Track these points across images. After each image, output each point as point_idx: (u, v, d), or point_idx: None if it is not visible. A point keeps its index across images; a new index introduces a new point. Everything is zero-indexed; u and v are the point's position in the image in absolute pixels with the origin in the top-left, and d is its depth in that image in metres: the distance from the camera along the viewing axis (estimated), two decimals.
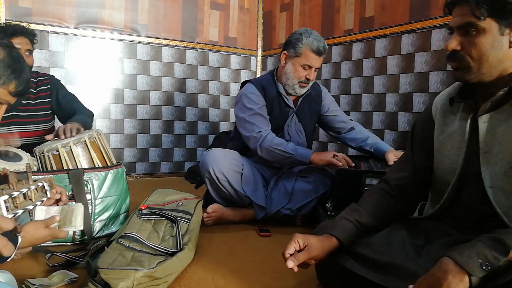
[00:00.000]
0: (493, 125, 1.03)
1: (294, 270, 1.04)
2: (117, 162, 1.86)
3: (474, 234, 0.93)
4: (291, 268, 1.03)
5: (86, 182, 1.68)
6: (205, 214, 1.93)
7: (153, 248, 1.36)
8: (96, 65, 3.15)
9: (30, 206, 0.91)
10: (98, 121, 3.16)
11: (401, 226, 1.18)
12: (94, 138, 1.79)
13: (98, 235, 1.70)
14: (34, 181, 0.97)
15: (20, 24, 2.19)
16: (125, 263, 1.22)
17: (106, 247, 1.39)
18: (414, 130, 1.27)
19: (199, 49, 3.56)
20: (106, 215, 1.74)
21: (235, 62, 3.77)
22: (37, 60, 2.31)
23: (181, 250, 1.37)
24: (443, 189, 1.13)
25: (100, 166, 1.77)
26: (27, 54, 2.08)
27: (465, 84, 1.12)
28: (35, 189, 0.95)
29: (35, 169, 1.67)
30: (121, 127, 3.28)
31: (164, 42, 3.39)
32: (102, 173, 1.74)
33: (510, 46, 1.00)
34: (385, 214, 1.22)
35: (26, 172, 0.98)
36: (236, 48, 3.75)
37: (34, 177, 1.12)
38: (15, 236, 0.88)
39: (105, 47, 3.17)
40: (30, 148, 1.76)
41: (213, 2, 3.61)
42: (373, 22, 2.77)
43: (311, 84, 2.13)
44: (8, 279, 1.02)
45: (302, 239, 1.09)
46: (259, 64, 3.87)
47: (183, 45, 3.48)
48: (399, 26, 2.59)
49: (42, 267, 1.38)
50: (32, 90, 2.09)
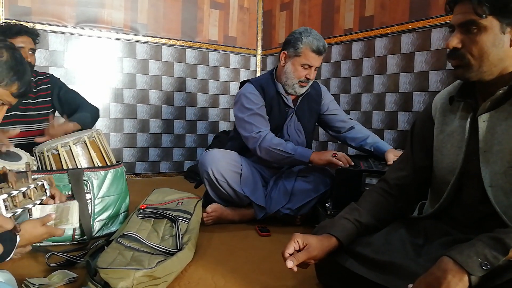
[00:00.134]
0: (493, 124, 1.03)
1: (294, 269, 1.04)
2: (116, 162, 1.86)
3: (474, 233, 0.93)
4: (291, 267, 1.03)
5: (85, 182, 1.68)
6: (204, 214, 1.93)
7: (152, 247, 1.36)
8: (95, 64, 3.15)
9: (30, 205, 0.91)
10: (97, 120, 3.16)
11: (400, 225, 1.18)
12: (94, 138, 1.79)
13: (97, 235, 1.70)
14: (34, 180, 0.96)
15: (22, 23, 2.19)
16: (124, 263, 1.22)
17: (105, 247, 1.39)
18: (414, 129, 1.27)
19: (199, 48, 3.56)
20: (105, 215, 1.74)
21: (235, 61, 3.76)
22: (36, 59, 2.31)
23: (180, 249, 1.37)
24: (443, 188, 1.13)
25: (99, 165, 1.77)
26: (30, 53, 2.08)
27: (465, 82, 1.11)
28: (35, 187, 0.94)
29: (35, 168, 1.67)
30: (120, 127, 3.28)
31: (163, 41, 3.39)
32: (102, 172, 1.74)
33: (511, 45, 1.00)
34: (384, 213, 1.22)
35: (25, 171, 0.98)
36: (235, 47, 3.75)
37: (33, 176, 1.12)
38: (14, 235, 0.88)
39: (104, 47, 3.17)
40: (31, 147, 1.76)
41: (212, 1, 3.60)
42: (373, 21, 2.77)
43: (311, 83, 2.13)
44: (7, 279, 1.02)
45: (301, 239, 1.09)
46: (259, 63, 3.87)
47: (183, 44, 3.48)
48: (399, 25, 2.59)
49: (41, 267, 1.37)
50: (32, 89, 2.09)
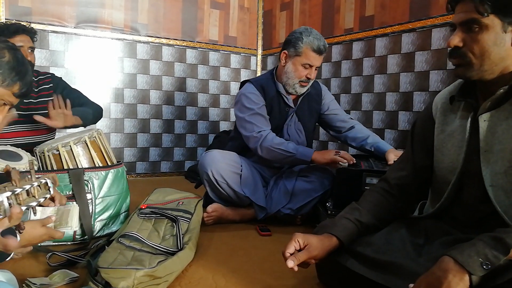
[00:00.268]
0: (493, 123, 1.03)
1: (294, 269, 1.04)
2: (117, 162, 1.87)
3: (474, 233, 0.93)
4: (291, 267, 1.03)
5: (86, 182, 1.69)
6: (205, 214, 1.93)
7: (153, 247, 1.36)
8: (96, 64, 3.15)
9: (33, 203, 0.90)
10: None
11: (401, 225, 1.18)
12: (95, 138, 1.79)
13: (98, 235, 1.71)
14: (37, 178, 0.96)
15: (20, 22, 2.19)
16: (125, 262, 1.22)
17: (106, 247, 1.39)
18: (414, 129, 1.27)
19: (199, 48, 3.56)
20: (106, 215, 1.74)
21: (235, 61, 3.76)
22: (37, 59, 2.31)
23: (181, 249, 1.37)
24: (443, 188, 1.13)
25: (100, 165, 1.77)
26: (29, 51, 2.08)
27: (465, 82, 1.12)
28: (38, 186, 0.94)
29: (36, 168, 1.68)
30: (121, 127, 3.28)
31: (164, 41, 3.39)
32: (103, 172, 1.74)
33: None
34: (385, 213, 1.22)
35: (28, 170, 0.98)
36: (236, 47, 3.75)
37: (36, 175, 1.11)
38: (19, 232, 0.88)
39: (105, 47, 3.17)
40: (32, 147, 1.76)
41: (213, 1, 3.60)
42: (373, 21, 2.77)
43: (311, 83, 2.13)
44: (8, 278, 1.02)
45: (302, 239, 1.09)
46: (259, 63, 3.86)
47: (183, 44, 3.48)
48: (399, 25, 2.59)
49: (42, 267, 1.38)
50: (33, 89, 2.09)
